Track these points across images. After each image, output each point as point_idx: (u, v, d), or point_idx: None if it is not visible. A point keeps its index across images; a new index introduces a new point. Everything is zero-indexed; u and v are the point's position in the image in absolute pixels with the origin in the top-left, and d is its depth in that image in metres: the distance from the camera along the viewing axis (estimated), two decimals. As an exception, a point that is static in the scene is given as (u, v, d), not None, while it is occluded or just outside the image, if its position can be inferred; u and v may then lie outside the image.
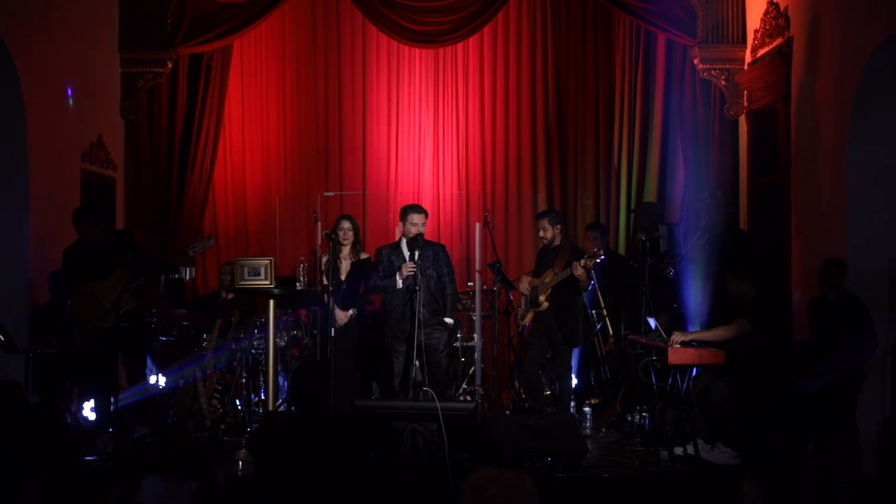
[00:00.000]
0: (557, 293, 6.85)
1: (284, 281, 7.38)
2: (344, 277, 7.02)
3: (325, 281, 6.94)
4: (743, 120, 8.21)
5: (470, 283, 8.31)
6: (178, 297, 8.37)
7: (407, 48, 9.26)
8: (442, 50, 9.24)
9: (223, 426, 7.10)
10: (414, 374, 6.49)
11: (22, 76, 6.97)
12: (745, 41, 8.18)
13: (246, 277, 7.02)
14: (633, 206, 8.79)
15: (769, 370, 5.97)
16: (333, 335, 6.71)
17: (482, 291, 7.92)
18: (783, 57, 7.32)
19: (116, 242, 6.97)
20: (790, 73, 7.26)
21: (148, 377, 7.26)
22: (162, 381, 7.52)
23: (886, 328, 6.11)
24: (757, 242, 7.63)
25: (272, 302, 7.11)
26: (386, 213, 9.17)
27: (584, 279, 6.73)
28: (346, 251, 7.07)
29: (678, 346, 6.05)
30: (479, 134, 9.35)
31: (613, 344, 7.62)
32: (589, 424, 7.47)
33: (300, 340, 7.96)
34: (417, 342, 6.36)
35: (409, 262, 6.64)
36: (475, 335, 7.82)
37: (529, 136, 9.29)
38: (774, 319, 6.25)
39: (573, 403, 7.33)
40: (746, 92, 8.13)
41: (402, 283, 6.63)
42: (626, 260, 8.35)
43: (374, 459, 5.34)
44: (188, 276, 8.47)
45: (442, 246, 7.04)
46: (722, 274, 6.37)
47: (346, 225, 7.06)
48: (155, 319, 7.62)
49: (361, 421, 5.47)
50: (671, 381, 6.32)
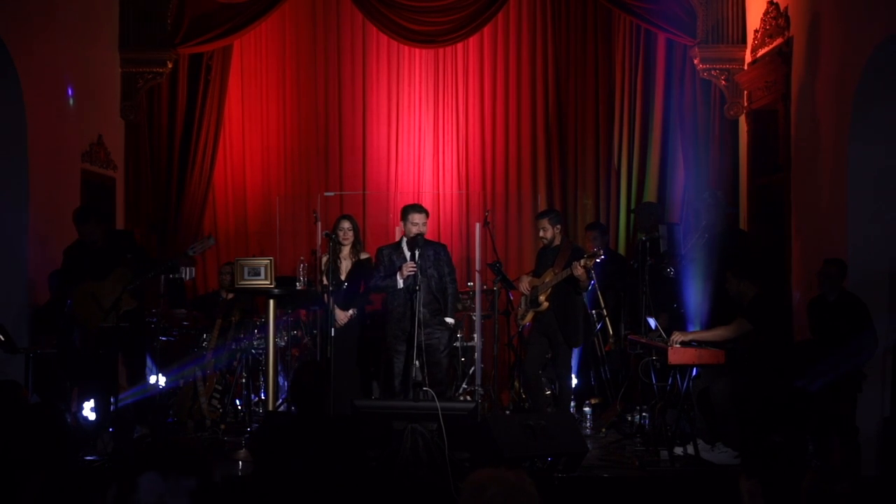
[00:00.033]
0: (557, 293, 6.84)
1: (284, 281, 7.37)
2: (344, 277, 7.02)
3: (325, 281, 6.94)
4: (743, 120, 8.21)
5: (470, 283, 8.31)
6: (178, 297, 8.37)
7: (407, 48, 9.25)
8: (442, 50, 9.23)
9: (223, 426, 7.10)
10: (414, 374, 6.49)
11: (22, 76, 6.96)
12: (745, 41, 8.18)
13: (246, 277, 7.02)
14: (633, 206, 8.77)
15: (769, 370, 5.97)
16: (333, 335, 6.71)
17: (482, 291, 7.92)
18: (783, 57, 7.31)
19: (116, 242, 6.96)
20: (790, 73, 7.25)
21: (148, 377, 7.25)
22: (162, 381, 7.51)
23: (886, 328, 6.10)
24: (757, 242, 7.63)
25: (272, 302, 7.11)
26: (386, 213, 9.17)
27: (584, 279, 6.73)
28: (346, 251, 7.07)
29: (678, 346, 6.06)
30: (479, 134, 9.35)
31: (613, 344, 7.62)
32: (589, 424, 7.47)
33: (300, 340, 7.96)
34: (418, 342, 6.37)
35: (409, 261, 6.64)
36: (475, 335, 7.82)
37: (529, 136, 9.28)
38: (774, 319, 6.25)
39: (573, 403, 7.33)
40: (746, 92, 8.13)
41: (402, 282, 6.63)
42: (626, 260, 8.35)
43: (374, 459, 5.35)
44: (188, 276, 8.46)
45: (443, 246, 7.05)
46: (722, 274, 6.36)
47: (346, 225, 7.06)
48: (155, 319, 7.61)
49: (361, 421, 5.48)
50: (671, 381, 6.32)
